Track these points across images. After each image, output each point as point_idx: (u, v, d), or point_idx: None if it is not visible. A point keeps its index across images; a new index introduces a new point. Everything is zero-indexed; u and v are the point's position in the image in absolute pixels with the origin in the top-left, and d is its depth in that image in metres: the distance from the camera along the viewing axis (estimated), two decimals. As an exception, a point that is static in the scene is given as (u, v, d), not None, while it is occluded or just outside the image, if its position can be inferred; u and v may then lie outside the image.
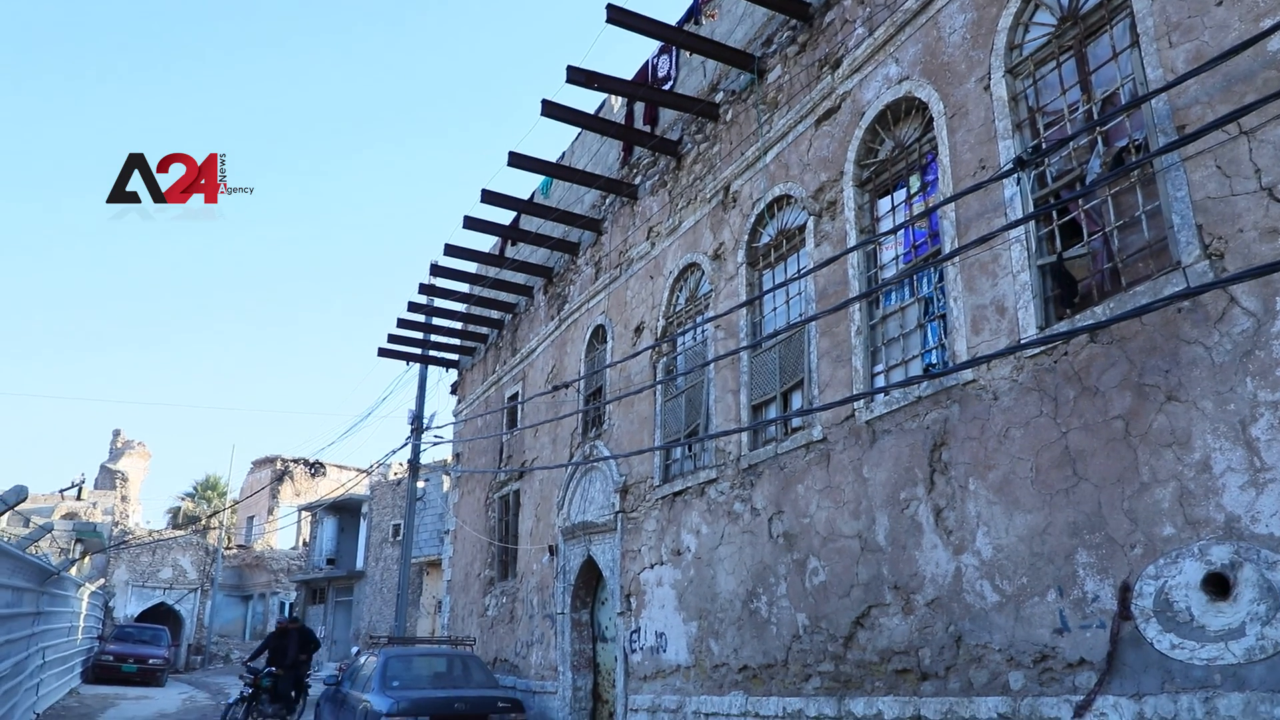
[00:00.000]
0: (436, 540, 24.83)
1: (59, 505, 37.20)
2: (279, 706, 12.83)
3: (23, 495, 7.04)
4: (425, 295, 16.10)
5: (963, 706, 5.72)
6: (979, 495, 5.91)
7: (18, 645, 10.62)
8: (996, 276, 6.03)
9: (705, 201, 9.85)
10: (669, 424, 10.15)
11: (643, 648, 9.86)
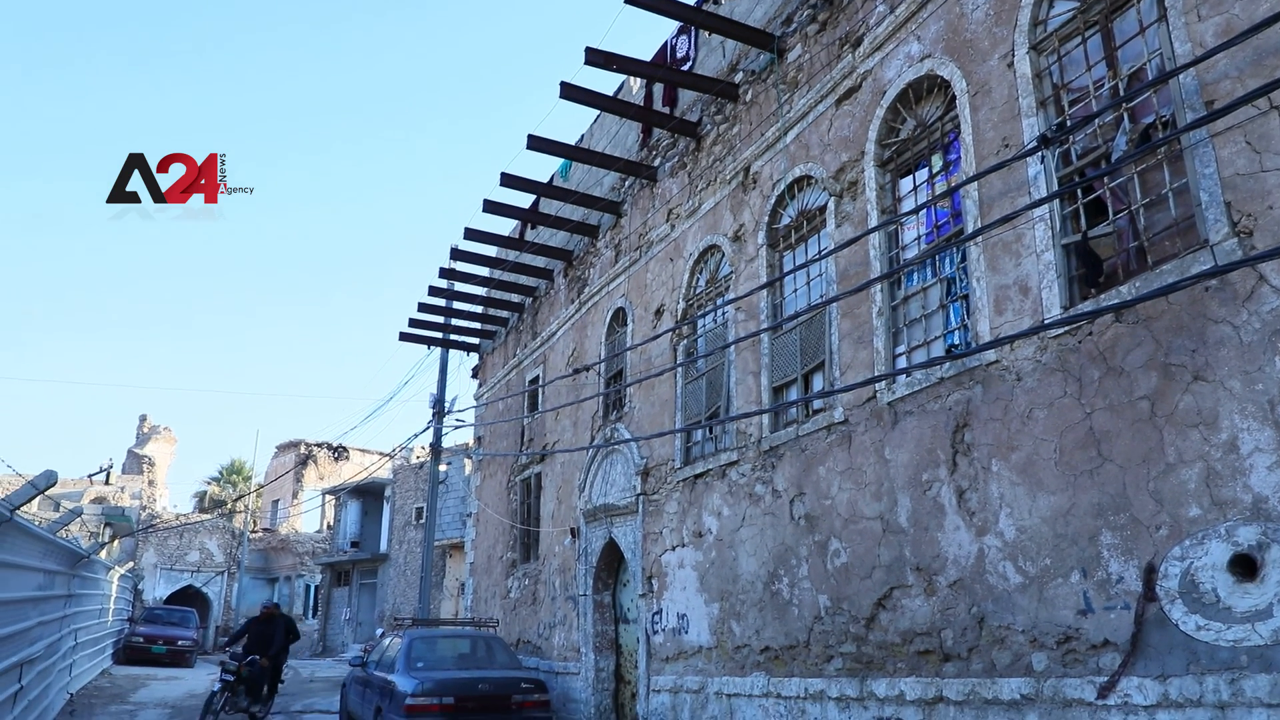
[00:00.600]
0: (459, 523, 25.03)
1: (88, 490, 37.78)
2: (251, 700, 12.31)
3: (52, 480, 7.15)
4: (446, 279, 16.15)
5: (985, 687, 5.71)
6: (1002, 476, 5.88)
7: (50, 627, 10.82)
8: (1020, 256, 5.97)
9: (725, 183, 9.81)
10: (690, 406, 10.15)
11: (664, 629, 9.92)
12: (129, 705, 16.09)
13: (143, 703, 16.57)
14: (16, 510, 6.68)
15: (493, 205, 13.27)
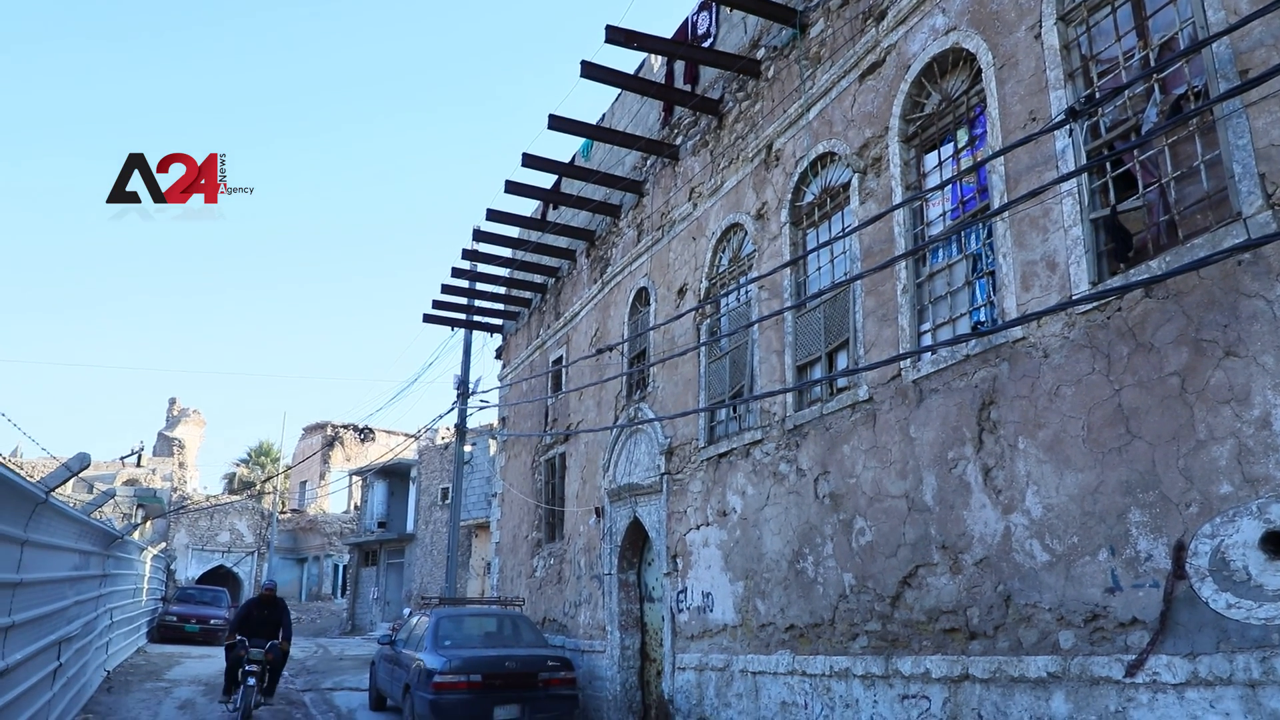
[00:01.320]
0: (484, 503, 25.22)
1: (120, 472, 38.42)
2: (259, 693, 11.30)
3: (85, 462, 7.26)
4: (468, 260, 16.18)
5: (1011, 665, 5.70)
6: (1029, 454, 5.83)
7: (86, 606, 11.04)
8: (1047, 231, 5.89)
9: (747, 160, 9.74)
10: (713, 386, 10.14)
11: (689, 607, 9.96)
12: (164, 682, 16.41)
13: (177, 680, 16.90)
14: (52, 492, 6.80)
15: (514, 186, 13.26)
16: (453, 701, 10.77)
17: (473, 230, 15.10)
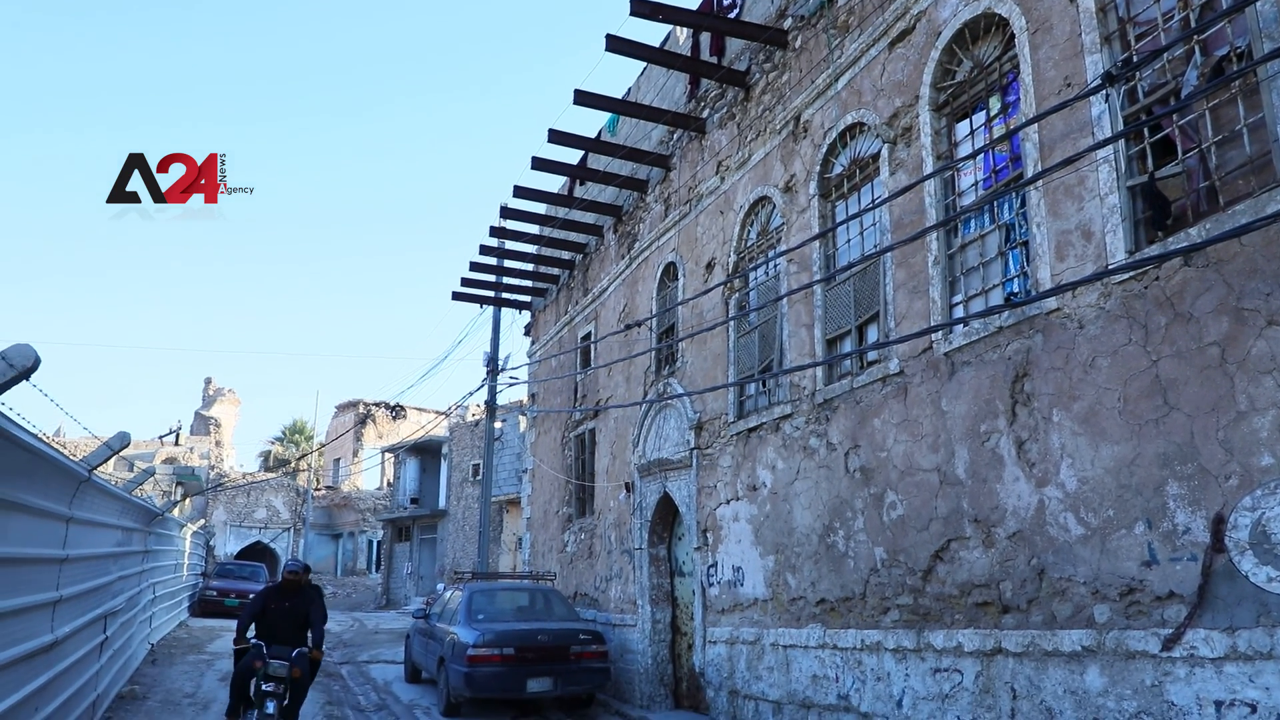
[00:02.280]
0: (515, 479, 25.41)
1: (159, 450, 39.14)
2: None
3: (126, 441, 7.40)
4: (496, 238, 16.21)
5: (1045, 639, 5.66)
6: (1063, 427, 5.76)
7: (130, 581, 11.30)
8: (1082, 200, 5.78)
9: (775, 133, 9.63)
10: (742, 360, 10.11)
11: (720, 582, 9.99)
12: (205, 655, 16.78)
13: (218, 653, 17.26)
14: (94, 470, 6.94)
15: (541, 162, 13.21)
16: (486, 674, 10.92)
17: (500, 208, 15.10)
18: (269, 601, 8.65)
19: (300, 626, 8.57)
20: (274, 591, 8.79)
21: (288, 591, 8.68)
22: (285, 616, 8.55)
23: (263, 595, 8.84)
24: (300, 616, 8.58)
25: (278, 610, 8.56)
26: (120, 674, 11.49)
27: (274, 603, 8.60)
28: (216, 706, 11.54)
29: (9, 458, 4.83)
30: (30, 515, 5.68)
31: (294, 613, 8.58)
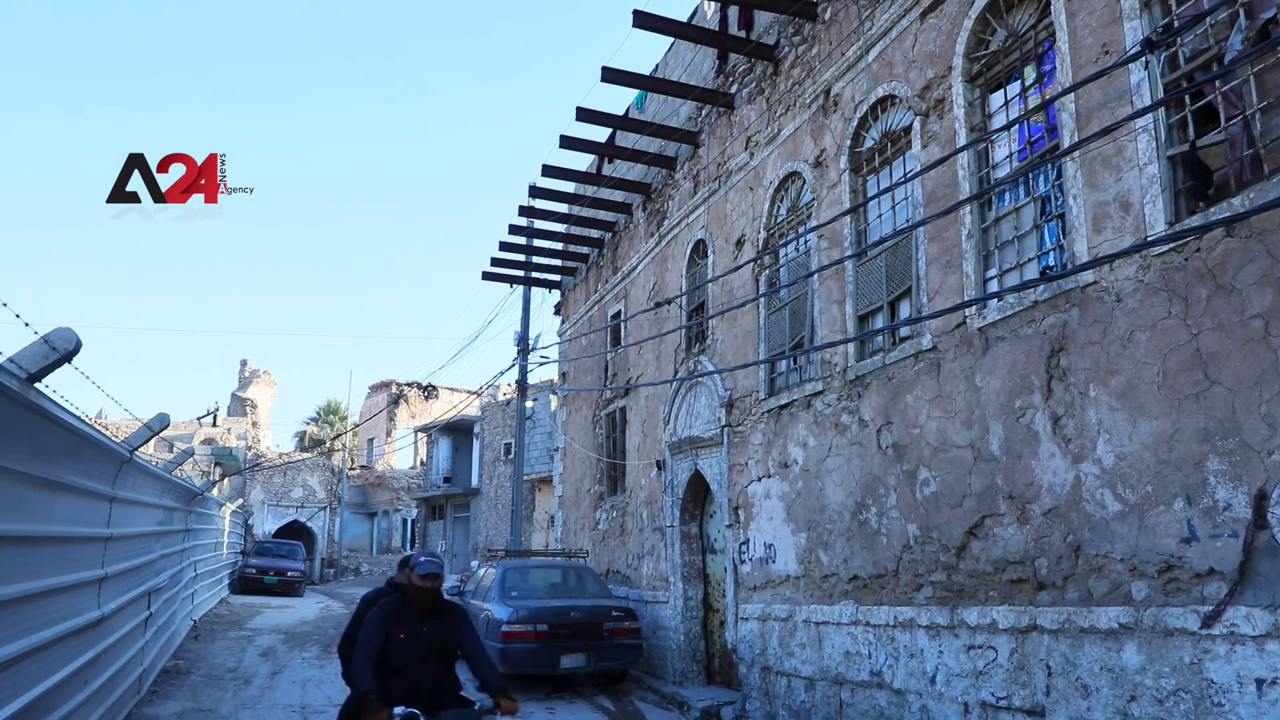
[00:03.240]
0: (546, 458, 25.57)
1: (197, 431, 39.82)
2: None
3: (165, 422, 7.53)
4: (525, 217, 16.22)
5: (1081, 616, 5.61)
6: (1100, 402, 5.67)
7: (172, 559, 11.54)
8: (1121, 170, 5.66)
9: (805, 107, 9.52)
10: (773, 337, 10.06)
11: (752, 559, 10.01)
12: (246, 631, 17.14)
13: (258, 629, 17.63)
14: (135, 451, 7.07)
15: (569, 141, 13.18)
16: (520, 650, 11.05)
17: (529, 187, 15.10)
18: (393, 626, 4.98)
19: (447, 668, 5.19)
20: (397, 610, 5.04)
21: (422, 608, 5.06)
22: (424, 650, 5.03)
23: (381, 619, 4.97)
24: (446, 651, 5.19)
25: (411, 642, 4.99)
26: (165, 649, 11.77)
27: (402, 627, 4.98)
28: (258, 681, 11.79)
29: (54, 439, 4.93)
30: (75, 495, 5.81)
31: (436, 645, 5.10)
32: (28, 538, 4.85)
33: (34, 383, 4.15)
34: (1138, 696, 5.18)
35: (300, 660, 13.80)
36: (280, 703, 10.43)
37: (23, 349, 4.06)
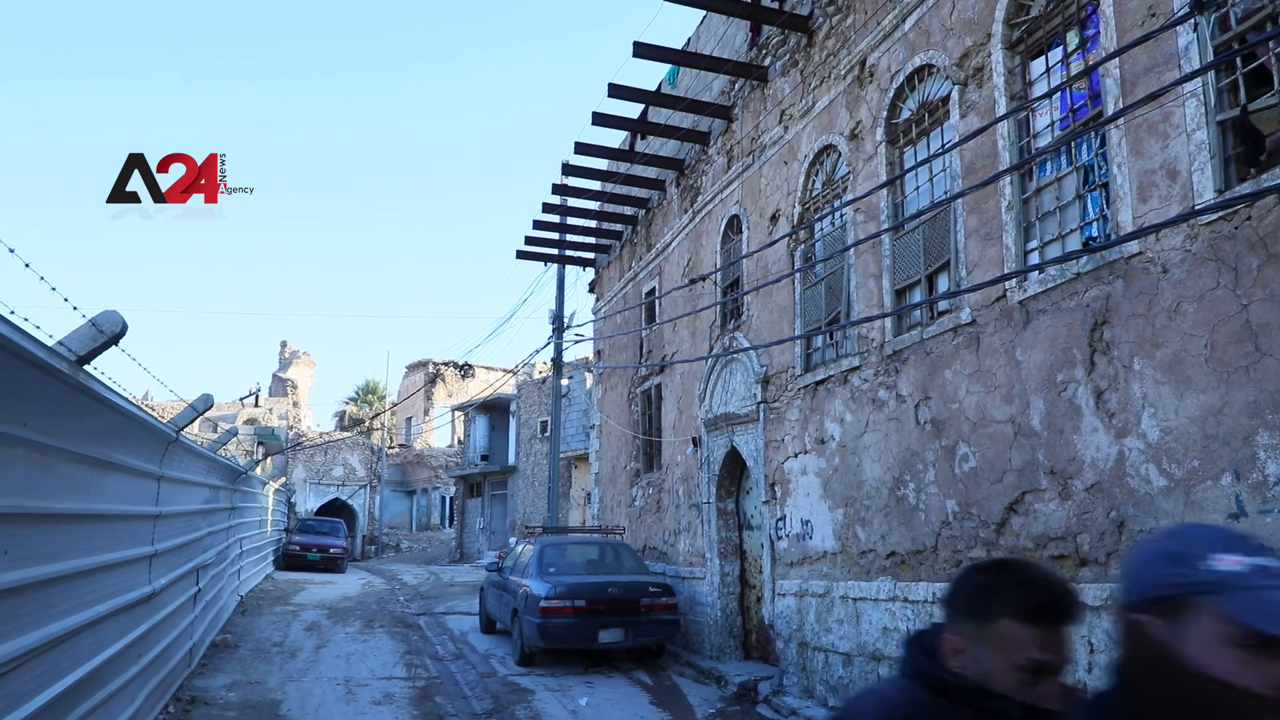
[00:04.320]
0: (582, 435, 25.69)
1: (240, 412, 40.51)
2: None
3: (209, 403, 7.68)
4: (558, 195, 16.22)
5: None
6: (1145, 375, 5.57)
7: (218, 537, 11.79)
8: (1168, 137, 5.51)
9: (840, 79, 9.39)
10: (809, 312, 9.99)
11: (788, 535, 10.00)
12: (291, 606, 17.50)
13: (303, 604, 17.99)
14: (181, 431, 7.22)
15: (601, 118, 13.12)
16: (559, 625, 11.17)
17: (562, 165, 15.08)
18: None
19: None
20: None
21: None
22: None
23: None
24: None
25: None
26: (213, 624, 12.06)
27: None
28: (303, 655, 12.05)
29: (103, 420, 5.05)
30: (125, 474, 5.94)
31: None
32: (81, 515, 4.98)
33: (83, 365, 4.24)
34: (1183, 673, 5.11)
35: (344, 635, 14.07)
36: (325, 676, 10.66)
37: (71, 332, 4.15)
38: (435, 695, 9.91)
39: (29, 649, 4.06)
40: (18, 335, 3.39)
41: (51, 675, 4.51)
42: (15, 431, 3.76)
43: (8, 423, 3.68)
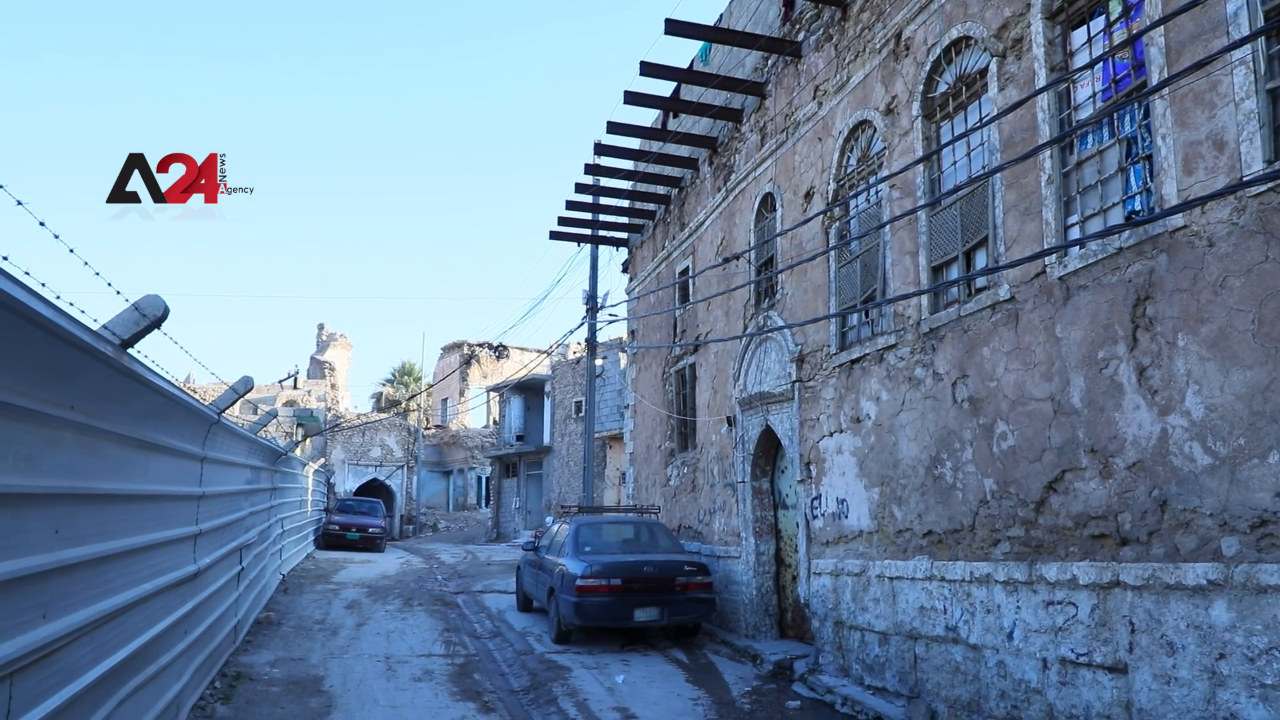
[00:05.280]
0: (617, 415, 25.77)
1: (279, 394, 41.12)
2: None
3: (249, 385, 7.79)
4: (591, 175, 16.19)
5: (1167, 572, 5.46)
6: (1189, 352, 5.46)
7: (260, 516, 12.01)
8: (1214, 107, 5.37)
9: (875, 52, 9.24)
10: (844, 290, 9.90)
11: (824, 514, 9.97)
12: (332, 585, 17.80)
13: (344, 582, 18.29)
14: (222, 413, 7.34)
15: (633, 96, 13.05)
16: (595, 604, 11.25)
17: (594, 144, 15.04)
18: None
19: None
20: None
21: None
22: None
23: None
24: None
25: None
26: (257, 602, 12.31)
27: None
28: (344, 632, 12.26)
29: (147, 403, 5.15)
30: (169, 455, 6.06)
31: None
32: (128, 496, 5.09)
33: (126, 348, 4.31)
34: (1227, 654, 5.04)
35: (384, 613, 14.29)
36: (366, 653, 10.84)
37: (115, 316, 4.23)
38: (474, 672, 10.04)
39: (81, 625, 4.17)
40: (63, 319, 3.46)
41: (102, 651, 4.63)
42: (63, 414, 3.85)
43: (55, 405, 3.76)
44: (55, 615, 3.87)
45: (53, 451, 3.82)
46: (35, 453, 3.61)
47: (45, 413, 3.65)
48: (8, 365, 3.26)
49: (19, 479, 3.45)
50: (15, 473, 3.42)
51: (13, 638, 3.41)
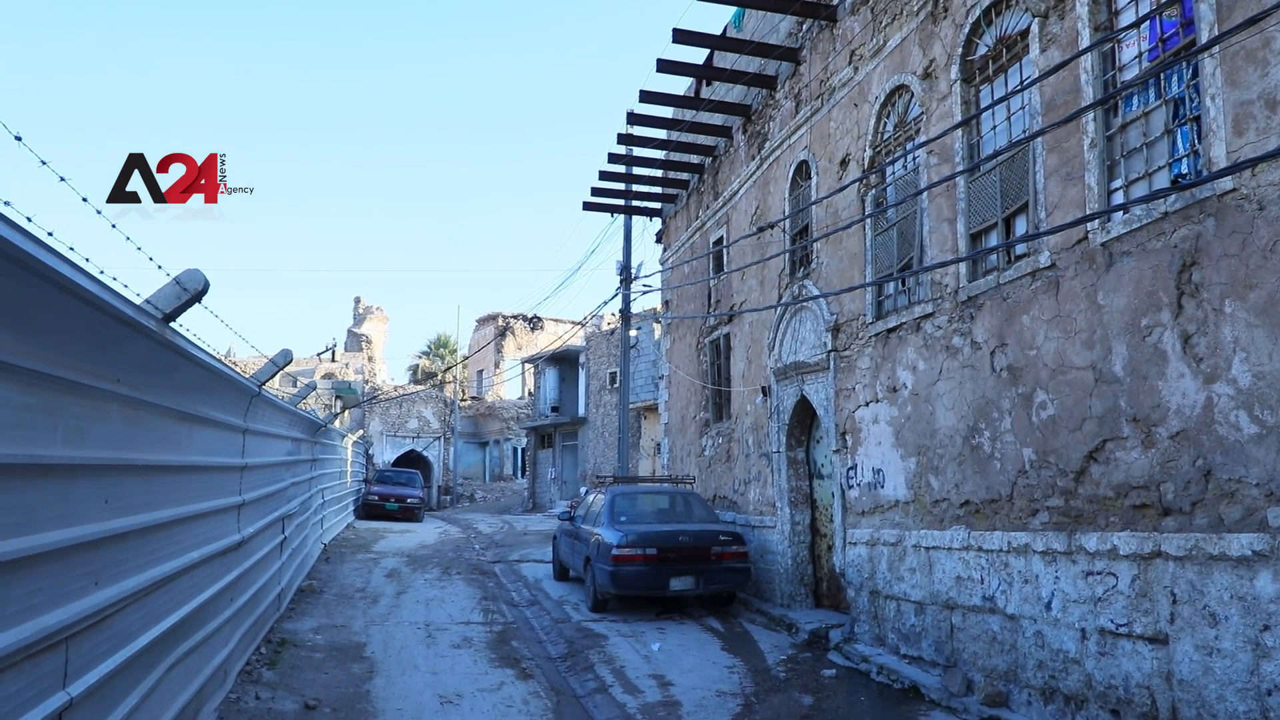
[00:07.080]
0: (651, 386, 25.80)
1: (318, 367, 41.64)
2: None
3: (288, 358, 7.90)
4: (624, 145, 16.10)
5: (1210, 543, 5.37)
6: (1237, 318, 5.33)
7: (301, 487, 12.23)
8: (1268, 65, 5.19)
9: (912, 15, 9.05)
10: (880, 259, 9.79)
11: (860, 484, 9.93)
12: (372, 554, 18.12)
13: (383, 552, 18.60)
14: (263, 386, 7.46)
15: (666, 64, 12.91)
16: (631, 573, 11.35)
17: (627, 114, 14.93)
18: None
19: None
20: None
21: None
22: None
23: None
24: None
25: None
26: (299, 570, 12.58)
27: None
28: (385, 600, 12.49)
29: (189, 376, 5.24)
30: (211, 427, 6.18)
31: None
32: (174, 467, 5.20)
33: (169, 322, 4.39)
34: (1271, 626, 4.96)
35: (423, 581, 14.53)
36: (406, 620, 11.04)
37: (157, 290, 4.30)
38: (512, 640, 10.20)
39: (131, 592, 4.29)
40: (108, 294, 3.53)
41: (153, 617, 4.76)
42: (109, 387, 3.93)
43: (102, 379, 3.84)
44: (107, 582, 3.99)
45: (101, 424, 3.91)
46: (84, 425, 3.70)
47: (93, 385, 3.73)
48: (56, 339, 3.34)
49: (69, 450, 3.54)
50: (65, 444, 3.51)
51: (68, 604, 3.52)
